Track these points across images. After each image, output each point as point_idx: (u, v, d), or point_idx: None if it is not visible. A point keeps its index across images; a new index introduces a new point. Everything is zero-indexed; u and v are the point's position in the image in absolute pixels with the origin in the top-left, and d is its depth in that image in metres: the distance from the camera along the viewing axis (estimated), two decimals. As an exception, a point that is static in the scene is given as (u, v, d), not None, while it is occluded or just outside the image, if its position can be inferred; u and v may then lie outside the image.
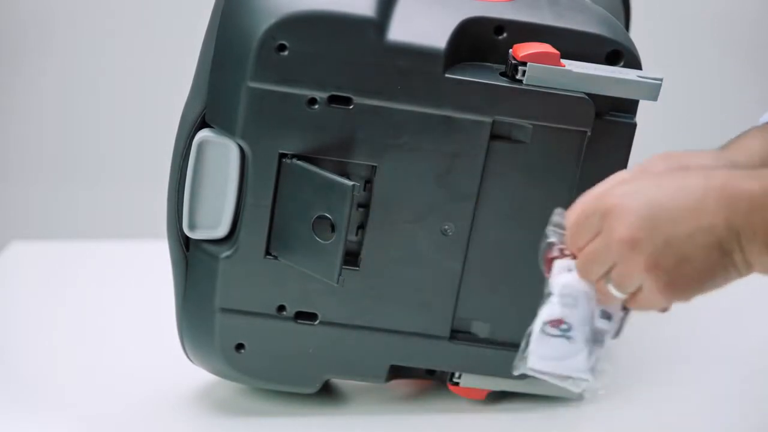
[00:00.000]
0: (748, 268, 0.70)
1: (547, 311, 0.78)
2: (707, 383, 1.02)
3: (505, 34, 0.88)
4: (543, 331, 0.78)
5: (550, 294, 0.78)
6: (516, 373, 0.80)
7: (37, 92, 2.09)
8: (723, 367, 1.06)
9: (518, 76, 0.87)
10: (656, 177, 0.72)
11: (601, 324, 0.77)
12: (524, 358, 0.79)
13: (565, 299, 0.77)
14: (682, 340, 1.10)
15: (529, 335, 0.78)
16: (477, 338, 0.94)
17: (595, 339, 0.78)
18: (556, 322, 0.78)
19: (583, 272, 0.75)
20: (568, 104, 0.87)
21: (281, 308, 0.92)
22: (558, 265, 0.77)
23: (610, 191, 0.73)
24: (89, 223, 2.08)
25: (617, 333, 0.78)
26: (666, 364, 1.06)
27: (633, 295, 0.74)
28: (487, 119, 0.87)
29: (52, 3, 2.05)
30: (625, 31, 0.91)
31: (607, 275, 0.74)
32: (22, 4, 2.06)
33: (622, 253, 0.71)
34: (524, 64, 0.86)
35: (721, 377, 1.04)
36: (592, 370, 0.78)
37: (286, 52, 0.85)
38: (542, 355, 0.78)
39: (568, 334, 0.78)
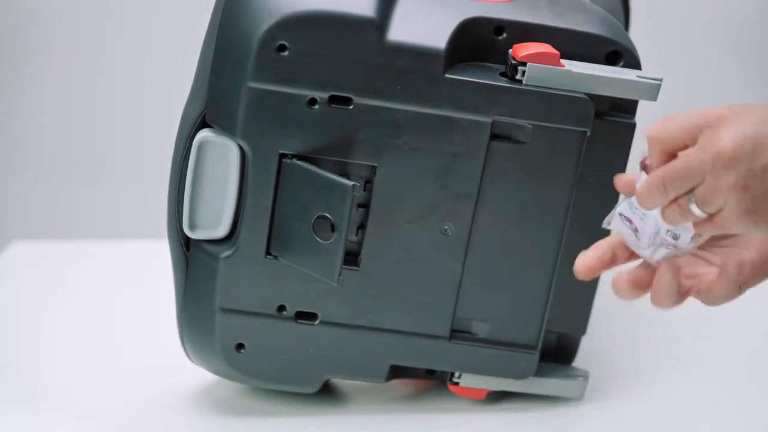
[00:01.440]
0: None
1: (623, 205, 0.80)
2: (707, 383, 1.02)
3: (504, 35, 0.88)
4: (620, 215, 0.80)
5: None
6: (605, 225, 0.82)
7: (37, 92, 2.09)
8: (723, 366, 1.06)
9: (518, 77, 0.87)
10: (765, 107, 0.71)
11: (669, 238, 0.79)
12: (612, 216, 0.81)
13: (634, 206, 0.79)
14: (682, 339, 1.10)
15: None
16: (477, 338, 0.94)
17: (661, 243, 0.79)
18: (627, 219, 0.80)
19: (669, 186, 0.73)
20: (568, 104, 0.87)
21: (281, 308, 0.92)
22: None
23: (715, 108, 0.72)
24: (89, 223, 2.08)
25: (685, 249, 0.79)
26: (666, 364, 1.06)
27: (711, 216, 0.73)
28: (487, 119, 0.87)
29: (52, 3, 2.05)
30: (624, 31, 0.91)
31: (691, 192, 0.73)
32: (22, 4, 2.06)
33: (715, 169, 0.70)
34: (524, 64, 0.86)
35: (721, 377, 1.04)
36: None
37: (286, 53, 0.85)
38: (619, 228, 0.81)
39: (636, 234, 0.79)
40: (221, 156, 0.89)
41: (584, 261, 0.82)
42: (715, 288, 0.79)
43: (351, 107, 0.87)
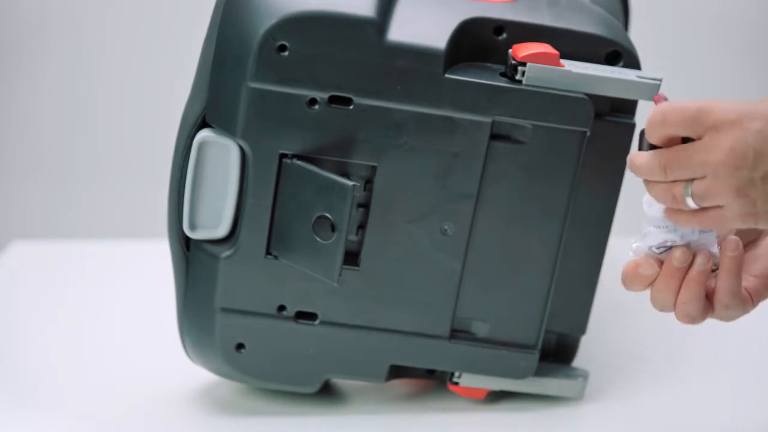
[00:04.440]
0: None
1: (651, 240, 0.78)
2: (707, 383, 1.02)
3: (504, 35, 0.88)
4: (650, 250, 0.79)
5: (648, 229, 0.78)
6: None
7: (37, 92, 2.09)
8: (723, 366, 1.06)
9: (518, 77, 0.87)
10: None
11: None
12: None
13: (664, 223, 0.78)
14: (682, 339, 1.10)
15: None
16: (477, 338, 0.94)
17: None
18: (662, 246, 0.79)
19: (669, 170, 0.74)
20: (567, 104, 0.87)
21: (281, 308, 0.92)
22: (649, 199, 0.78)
23: (723, 107, 0.73)
24: (89, 223, 2.08)
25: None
26: (666, 363, 1.06)
27: (705, 210, 0.74)
28: (487, 119, 0.87)
29: (52, 3, 2.05)
30: (624, 31, 0.91)
31: (687, 182, 0.73)
32: (22, 4, 2.06)
33: (718, 171, 0.71)
34: (524, 64, 0.86)
35: (721, 377, 1.04)
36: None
37: (286, 53, 0.85)
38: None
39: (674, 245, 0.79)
40: (221, 156, 0.89)
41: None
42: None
43: (351, 107, 0.87)
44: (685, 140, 0.74)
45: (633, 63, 0.89)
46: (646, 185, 0.76)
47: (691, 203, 0.73)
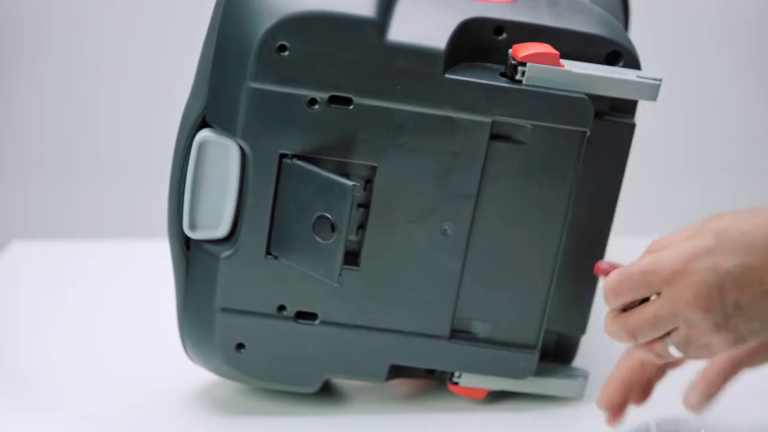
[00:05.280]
0: None
1: None
2: (707, 383, 1.02)
3: (504, 35, 0.88)
4: None
5: None
6: None
7: (37, 92, 2.09)
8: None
9: (518, 77, 0.87)
10: (713, 238, 0.71)
11: None
12: None
13: None
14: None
15: None
16: (477, 338, 0.94)
17: None
18: None
19: (639, 335, 0.74)
20: (567, 104, 0.87)
21: (281, 308, 0.92)
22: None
23: (666, 260, 0.73)
24: (89, 223, 2.08)
25: None
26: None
27: (692, 348, 0.74)
28: (487, 119, 0.88)
29: (52, 3, 2.06)
30: (624, 31, 0.91)
31: (665, 337, 0.74)
32: (22, 4, 2.06)
33: (690, 319, 0.71)
34: (524, 64, 0.86)
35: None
36: None
37: (286, 53, 0.85)
38: None
39: None
40: (221, 156, 0.89)
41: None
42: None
43: (351, 107, 0.87)
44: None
45: (633, 63, 0.89)
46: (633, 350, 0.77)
47: (676, 353, 0.74)
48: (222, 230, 0.90)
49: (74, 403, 0.97)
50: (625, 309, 0.78)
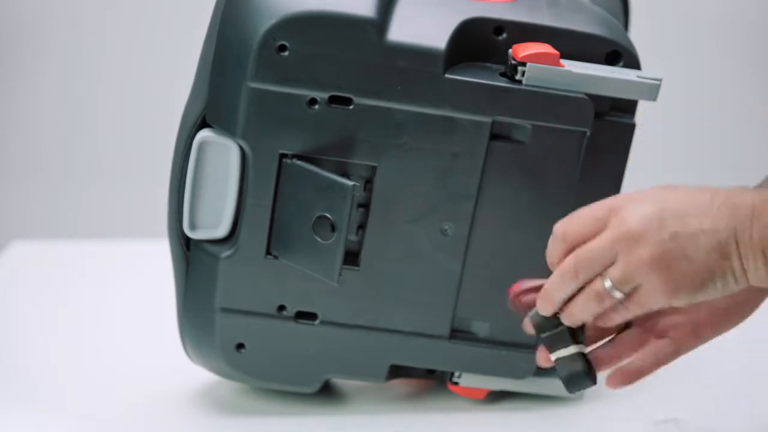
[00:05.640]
0: (743, 275, 0.73)
1: None
2: (707, 383, 1.02)
3: (504, 35, 0.88)
4: None
5: None
6: None
7: (37, 92, 2.09)
8: (723, 366, 1.06)
9: (518, 77, 0.87)
10: (663, 189, 0.75)
11: None
12: None
13: None
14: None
15: None
16: (477, 338, 0.94)
17: None
18: None
19: (581, 269, 0.75)
20: (567, 104, 0.87)
21: (281, 308, 0.92)
22: None
23: (613, 199, 0.75)
24: (89, 223, 2.08)
25: None
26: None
27: (630, 295, 0.74)
28: (487, 119, 0.87)
29: (52, 3, 2.06)
30: (624, 31, 0.91)
31: (604, 274, 0.74)
32: (22, 4, 2.06)
33: (628, 246, 0.72)
34: (524, 64, 0.86)
35: (720, 377, 1.04)
36: None
37: (286, 53, 0.85)
38: None
39: None
40: (221, 156, 0.89)
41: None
42: None
43: (351, 107, 0.87)
44: None
45: (633, 63, 0.89)
46: (572, 309, 0.77)
47: (616, 293, 0.74)
48: (222, 230, 0.90)
49: (74, 403, 0.97)
50: None
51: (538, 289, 0.79)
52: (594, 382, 0.81)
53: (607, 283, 0.74)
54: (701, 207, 0.72)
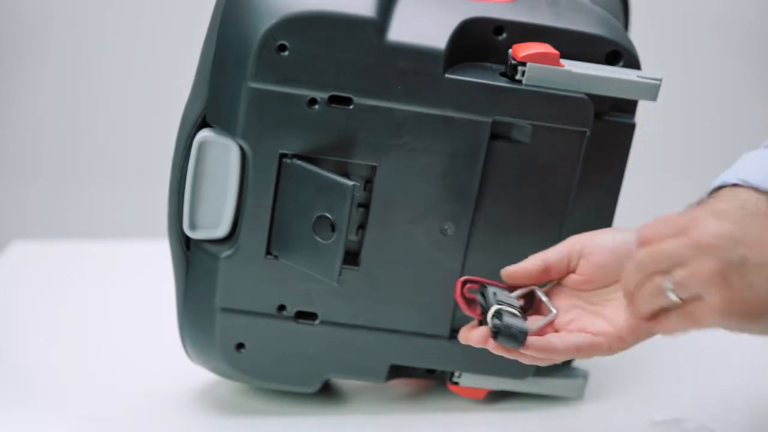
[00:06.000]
0: None
1: None
2: (706, 383, 1.02)
3: (504, 35, 0.88)
4: None
5: None
6: None
7: (37, 92, 2.09)
8: (722, 366, 1.06)
9: (518, 77, 0.87)
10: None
11: None
12: None
13: None
14: (681, 339, 1.09)
15: None
16: (477, 338, 0.94)
17: None
18: None
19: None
20: (567, 104, 0.87)
21: (281, 308, 0.92)
22: None
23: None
24: (89, 223, 2.08)
25: None
26: (665, 363, 1.06)
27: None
28: (487, 119, 0.87)
29: (52, 3, 2.05)
30: (624, 31, 0.91)
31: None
32: (22, 4, 2.06)
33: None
34: (524, 64, 0.86)
35: (720, 377, 1.04)
36: None
37: (286, 53, 0.85)
38: None
39: None
40: (221, 156, 0.89)
41: (509, 272, 0.85)
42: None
43: (351, 107, 0.87)
44: None
45: (633, 63, 0.89)
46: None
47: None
48: (222, 230, 0.90)
49: (74, 403, 0.97)
50: None
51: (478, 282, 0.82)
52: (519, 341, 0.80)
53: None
54: None
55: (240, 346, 0.93)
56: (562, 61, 0.87)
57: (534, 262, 0.84)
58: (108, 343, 1.09)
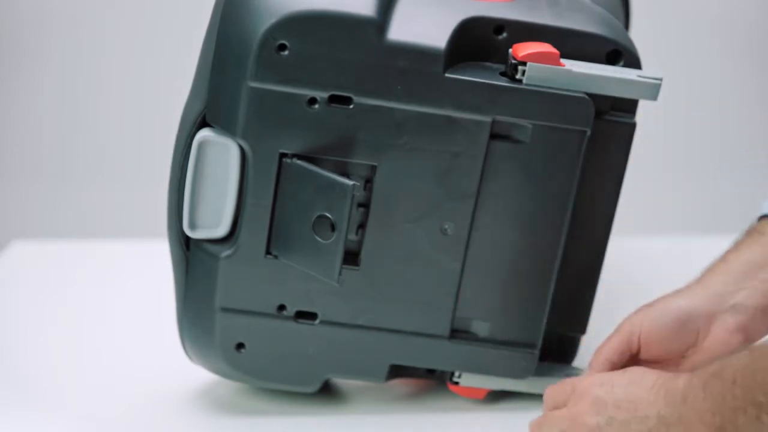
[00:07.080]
0: None
1: None
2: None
3: (505, 34, 0.88)
4: None
5: None
6: None
7: (37, 92, 2.09)
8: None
9: (518, 76, 0.87)
10: (620, 373, 0.82)
11: None
12: None
13: None
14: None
15: None
16: (477, 337, 0.94)
17: None
18: None
19: (545, 422, 0.85)
20: (567, 104, 0.87)
21: (281, 308, 0.92)
22: None
23: (589, 378, 0.85)
24: (89, 223, 2.08)
25: None
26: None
27: None
28: (487, 119, 0.87)
29: (52, 3, 2.06)
30: (624, 30, 0.91)
31: None
32: (22, 4, 2.06)
33: (573, 422, 0.81)
34: (524, 63, 0.86)
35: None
36: None
37: (286, 52, 0.85)
38: None
39: None
40: (221, 156, 0.89)
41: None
42: None
43: (351, 107, 0.87)
44: None
45: (633, 62, 0.89)
46: None
47: None
48: (222, 230, 0.90)
49: (74, 403, 0.97)
50: None
51: None
52: None
53: None
54: (640, 393, 0.79)
55: (240, 346, 0.93)
56: (563, 61, 0.87)
57: (599, 362, 0.91)
58: (108, 343, 1.09)
